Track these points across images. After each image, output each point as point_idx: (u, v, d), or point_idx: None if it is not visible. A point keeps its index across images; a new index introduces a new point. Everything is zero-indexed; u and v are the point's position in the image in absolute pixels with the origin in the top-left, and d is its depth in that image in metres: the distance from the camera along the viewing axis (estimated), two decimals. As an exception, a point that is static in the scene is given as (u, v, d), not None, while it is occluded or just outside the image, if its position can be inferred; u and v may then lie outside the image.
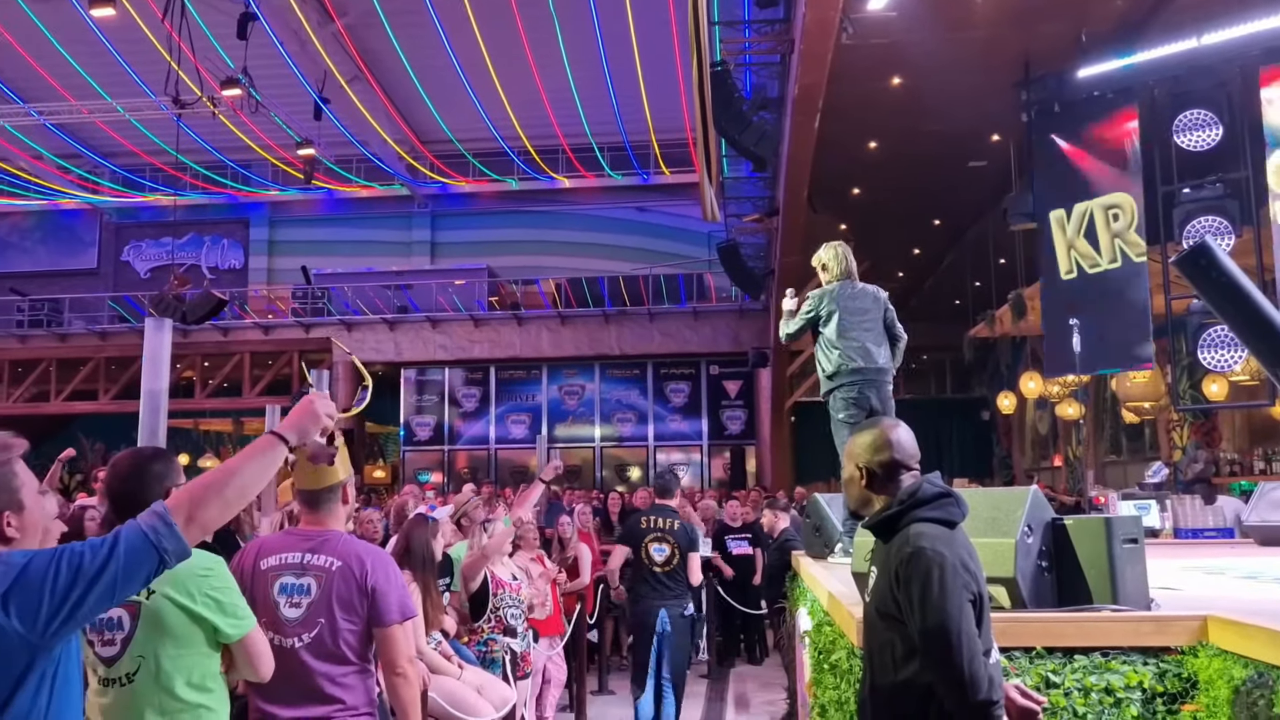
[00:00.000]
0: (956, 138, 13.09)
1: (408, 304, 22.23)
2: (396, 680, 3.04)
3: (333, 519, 3.11)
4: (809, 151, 11.44)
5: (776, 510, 8.08)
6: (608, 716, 7.68)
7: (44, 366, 22.93)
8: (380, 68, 20.71)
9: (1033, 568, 2.98)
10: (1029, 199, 11.70)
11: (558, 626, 7.11)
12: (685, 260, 23.48)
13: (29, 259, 26.71)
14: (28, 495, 1.87)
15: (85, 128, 22.64)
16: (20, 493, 1.86)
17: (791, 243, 14.92)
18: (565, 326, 21.39)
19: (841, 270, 5.58)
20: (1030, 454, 21.02)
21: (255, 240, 26.54)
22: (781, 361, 19.65)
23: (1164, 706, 2.66)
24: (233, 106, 17.10)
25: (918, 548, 2.19)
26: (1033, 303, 13.11)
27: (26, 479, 1.89)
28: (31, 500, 1.88)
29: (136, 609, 2.50)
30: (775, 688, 8.31)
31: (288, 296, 23.65)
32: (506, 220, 25.39)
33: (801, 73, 9.66)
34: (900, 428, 2.47)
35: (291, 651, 2.96)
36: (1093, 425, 16.71)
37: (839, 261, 5.59)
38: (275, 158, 23.42)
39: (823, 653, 3.59)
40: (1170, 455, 13.58)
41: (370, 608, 3.00)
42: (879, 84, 11.62)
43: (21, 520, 1.85)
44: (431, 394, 22.39)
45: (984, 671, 2.10)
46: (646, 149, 23.65)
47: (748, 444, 21.31)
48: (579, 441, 22.01)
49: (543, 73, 19.98)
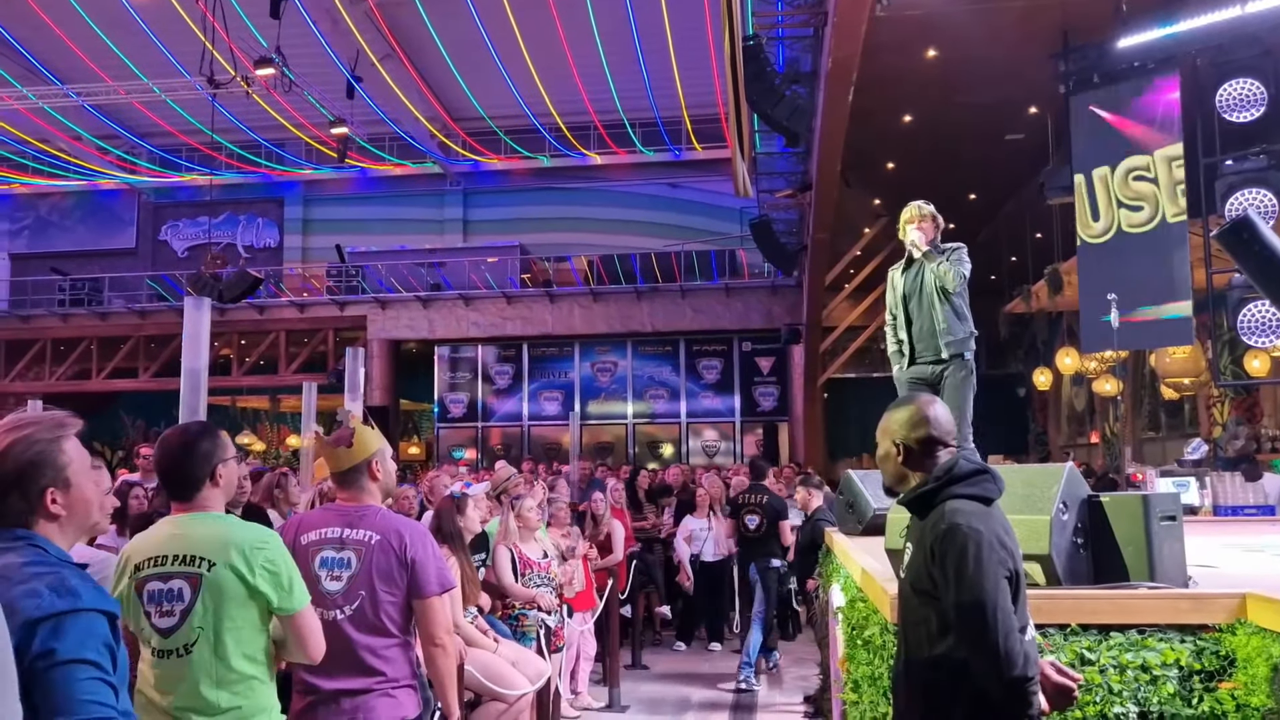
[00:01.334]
0: (993, 110, 12.91)
1: (441, 282, 22.35)
2: (435, 651, 3.10)
3: (366, 495, 3.17)
4: (842, 126, 11.34)
5: (810, 487, 8.06)
6: (641, 690, 7.75)
7: (85, 345, 23.31)
8: (412, 45, 20.73)
9: (1068, 544, 2.96)
10: (1067, 172, 11.51)
11: (590, 601, 7.18)
12: (717, 236, 23.40)
13: (69, 239, 27.11)
14: (75, 473, 1.91)
15: (122, 108, 22.88)
16: (67, 470, 1.90)
17: (824, 218, 14.82)
18: (597, 303, 21.42)
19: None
20: (1066, 430, 20.83)
21: (290, 219, 26.75)
22: (814, 337, 19.58)
23: (1201, 684, 2.64)
24: (266, 86, 17.20)
25: (953, 524, 2.19)
26: (1069, 278, 12.94)
27: (76, 456, 1.92)
28: (79, 478, 1.92)
29: (198, 580, 2.55)
30: (808, 663, 8.34)
31: (322, 275, 23.86)
32: (538, 197, 25.41)
33: (835, 46, 9.57)
34: (937, 404, 2.46)
35: (334, 624, 3.02)
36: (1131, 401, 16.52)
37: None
38: (309, 136, 23.55)
39: (856, 628, 3.60)
40: (1210, 432, 13.40)
41: (409, 580, 3.06)
42: (914, 56, 11.47)
43: (68, 497, 1.89)
44: (465, 371, 22.53)
45: (1019, 648, 2.10)
46: (678, 125, 23.54)
47: (780, 420, 21.28)
48: (611, 418, 22.08)
49: (574, 49, 19.91)
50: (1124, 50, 10.44)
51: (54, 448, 1.89)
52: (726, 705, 7.32)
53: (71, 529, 1.94)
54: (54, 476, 1.88)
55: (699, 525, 9.67)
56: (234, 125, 22.60)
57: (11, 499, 1.85)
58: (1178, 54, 10.26)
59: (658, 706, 7.28)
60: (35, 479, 1.86)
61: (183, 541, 2.59)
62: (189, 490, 2.65)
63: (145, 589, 2.58)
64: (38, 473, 1.86)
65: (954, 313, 4.73)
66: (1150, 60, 10.40)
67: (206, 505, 2.66)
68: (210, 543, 2.59)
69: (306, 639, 2.65)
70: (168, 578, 2.57)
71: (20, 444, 1.86)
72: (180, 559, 2.58)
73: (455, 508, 4.98)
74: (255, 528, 2.71)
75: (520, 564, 5.76)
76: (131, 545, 2.71)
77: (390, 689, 3.02)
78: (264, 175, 25.82)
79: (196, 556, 2.57)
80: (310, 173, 25.67)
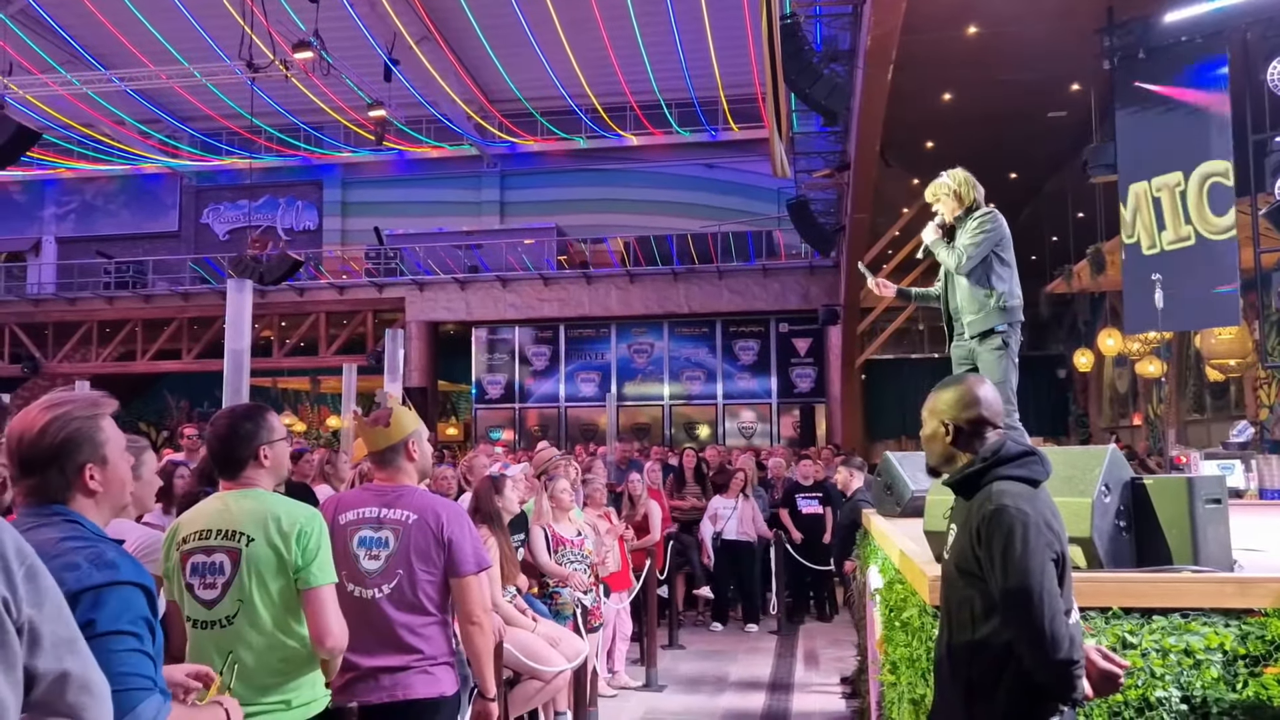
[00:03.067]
0: (1034, 88, 12.70)
1: (478, 263, 22.45)
2: (472, 630, 3.13)
3: (403, 474, 3.21)
4: (881, 104, 11.22)
5: (851, 469, 8.03)
6: (678, 669, 7.78)
7: (130, 327, 23.70)
8: (448, 28, 20.77)
9: (1110, 527, 2.93)
10: (1110, 150, 11.31)
11: (626, 582, 7.21)
12: (754, 217, 23.29)
13: (114, 222, 27.54)
14: (112, 451, 1.95)
15: (164, 93, 23.16)
16: (105, 448, 1.93)
17: (863, 198, 14.70)
18: (634, 285, 21.41)
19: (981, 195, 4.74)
20: (1108, 412, 20.56)
21: (329, 202, 26.98)
22: (851, 318, 19.45)
23: (1245, 669, 2.60)
24: (305, 69, 17.31)
25: (1000, 505, 2.17)
26: (1112, 257, 12.74)
27: (112, 435, 1.96)
28: (116, 456, 1.95)
29: (238, 554, 2.62)
30: (845, 644, 8.33)
31: (361, 257, 24.05)
32: (575, 179, 25.41)
33: (874, 23, 9.46)
34: (986, 384, 2.44)
35: (372, 603, 3.06)
36: (1175, 383, 16.26)
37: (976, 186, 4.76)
38: (347, 120, 23.71)
39: (894, 610, 3.58)
40: (1256, 414, 13.16)
41: (446, 559, 3.09)
42: (954, 33, 11.31)
43: (105, 475, 1.93)
44: (502, 353, 22.65)
45: (1065, 630, 2.08)
46: (715, 105, 23.41)
47: (817, 402, 21.19)
48: (648, 400, 22.10)
49: (610, 29, 19.85)
50: (1171, 25, 10.22)
51: (92, 425, 1.92)
52: (764, 685, 7.33)
53: (107, 506, 1.97)
54: (92, 453, 1.91)
55: (725, 505, 9.69)
56: (273, 109, 22.81)
57: (50, 474, 1.88)
58: (1226, 28, 10.03)
59: (695, 686, 7.31)
60: (74, 455, 1.89)
61: (226, 516, 2.66)
62: (234, 469, 2.74)
63: (189, 562, 2.67)
64: (76, 450, 1.89)
65: (977, 288, 4.53)
66: (1198, 35, 10.17)
67: (252, 483, 2.73)
68: (251, 518, 2.66)
69: (317, 616, 2.64)
70: (210, 551, 2.65)
71: (58, 421, 1.89)
72: (222, 533, 2.65)
73: (493, 488, 5.02)
74: (296, 504, 2.77)
75: (553, 541, 5.81)
76: (180, 519, 2.79)
77: (428, 666, 3.06)
78: (303, 158, 26.05)
79: (237, 531, 2.64)
80: (348, 155, 25.86)
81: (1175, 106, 10.36)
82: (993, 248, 4.54)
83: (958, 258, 4.53)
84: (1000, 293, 4.50)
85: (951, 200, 4.66)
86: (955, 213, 4.66)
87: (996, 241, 4.55)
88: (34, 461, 1.88)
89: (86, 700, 1.45)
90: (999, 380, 4.39)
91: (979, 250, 4.51)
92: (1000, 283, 4.53)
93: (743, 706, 6.73)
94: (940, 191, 4.70)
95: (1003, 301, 4.50)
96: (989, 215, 4.60)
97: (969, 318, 4.56)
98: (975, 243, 4.52)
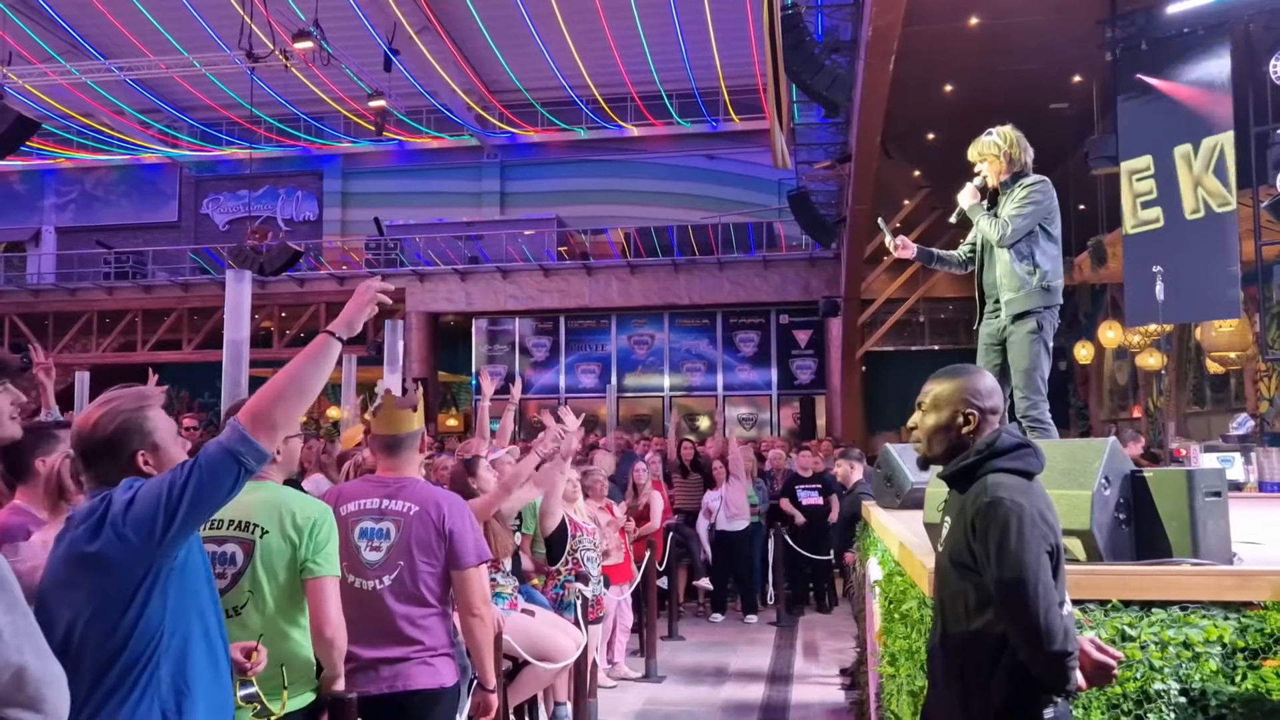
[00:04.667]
0: (1036, 79, 12.66)
1: (478, 254, 22.43)
2: (472, 621, 3.13)
3: (409, 466, 3.21)
4: (883, 95, 11.18)
5: (851, 461, 8.03)
6: (677, 661, 7.80)
7: (130, 317, 23.70)
8: (449, 18, 20.71)
9: (1109, 520, 2.93)
10: (1112, 141, 11.29)
11: (627, 574, 7.22)
12: (755, 208, 23.25)
13: (113, 212, 27.50)
14: (162, 438, 2.14)
15: (163, 83, 23.10)
16: (154, 435, 2.13)
17: (864, 189, 14.67)
18: (634, 276, 21.39)
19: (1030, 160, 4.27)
20: (1108, 405, 20.55)
21: (329, 192, 26.94)
22: (852, 310, 19.43)
23: (1244, 661, 2.61)
24: (304, 59, 17.28)
25: (995, 498, 2.17)
26: (1113, 249, 12.72)
27: (161, 423, 2.16)
28: (166, 442, 2.15)
29: (251, 545, 2.68)
30: (844, 636, 8.34)
31: (361, 248, 24.02)
32: (575, 170, 25.37)
33: (875, 13, 9.42)
34: (986, 376, 2.44)
35: (373, 594, 3.06)
36: (1175, 376, 16.25)
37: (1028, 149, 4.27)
38: (347, 110, 23.66)
39: (893, 602, 3.59)
40: (1256, 407, 13.16)
41: (447, 551, 3.10)
42: (956, 24, 11.27)
43: (157, 458, 2.12)
44: (502, 344, 22.65)
45: (1059, 623, 2.09)
46: (716, 96, 23.35)
47: (818, 394, 21.18)
48: (648, 391, 22.11)
49: (611, 20, 19.79)
50: (1174, 16, 10.19)
51: (140, 415, 2.13)
52: (763, 676, 7.35)
53: None
54: (142, 441, 2.11)
55: (713, 497, 9.71)
56: (273, 99, 22.75)
57: (104, 464, 2.08)
58: (1229, 19, 9.99)
59: (694, 677, 7.33)
60: (125, 445, 2.09)
61: (238, 508, 2.67)
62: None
63: None
64: (127, 439, 2.10)
65: (1019, 264, 4.10)
66: (1201, 26, 10.14)
67: (263, 476, 2.76)
68: (265, 510, 2.70)
69: (319, 606, 2.70)
70: (222, 541, 2.68)
71: (107, 415, 2.10)
72: (235, 524, 2.69)
73: (466, 470, 5.00)
74: (308, 498, 2.82)
75: (571, 527, 5.83)
76: None
77: (428, 657, 3.07)
78: (303, 149, 25.99)
79: (251, 523, 2.68)
80: (348, 146, 25.81)
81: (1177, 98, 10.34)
82: (1040, 220, 4.12)
83: (1001, 228, 4.09)
84: (1044, 271, 4.10)
85: (1000, 162, 4.20)
86: (1002, 176, 4.21)
87: (1046, 214, 4.14)
88: (92, 453, 2.09)
89: (46, 692, 1.51)
90: (1029, 366, 4.12)
91: (1026, 222, 4.07)
92: (1045, 260, 4.12)
93: (742, 697, 6.75)
94: (988, 151, 4.23)
95: (1046, 281, 4.10)
96: (1039, 184, 4.15)
97: (1007, 295, 4.16)
98: (1023, 213, 4.07)
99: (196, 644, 2.04)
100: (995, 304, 4.28)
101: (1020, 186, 4.16)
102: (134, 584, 1.96)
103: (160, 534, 1.93)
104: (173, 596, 2.00)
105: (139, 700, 1.95)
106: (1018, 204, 4.11)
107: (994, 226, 4.14)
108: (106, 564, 1.95)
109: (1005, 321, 4.21)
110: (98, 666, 1.94)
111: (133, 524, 1.94)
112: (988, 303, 4.35)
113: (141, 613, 1.96)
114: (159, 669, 1.97)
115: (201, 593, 2.09)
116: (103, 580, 1.95)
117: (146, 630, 1.97)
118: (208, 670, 2.06)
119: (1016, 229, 4.08)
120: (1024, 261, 4.12)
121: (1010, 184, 4.20)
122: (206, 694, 2.04)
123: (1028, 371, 4.16)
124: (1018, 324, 4.16)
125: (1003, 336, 4.24)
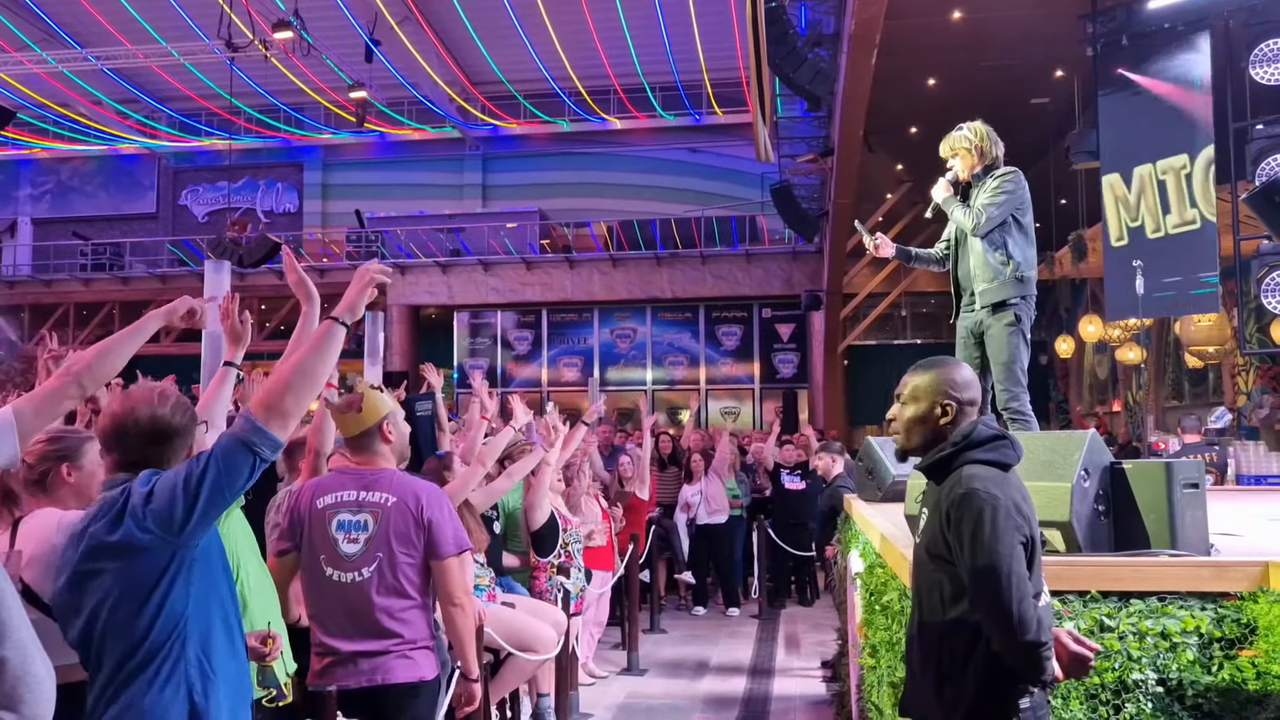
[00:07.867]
0: (1018, 73, 12.72)
1: (460, 247, 22.34)
2: (453, 611, 3.12)
3: (380, 458, 3.19)
4: (865, 89, 11.21)
5: (832, 454, 8.03)
6: (659, 654, 7.80)
7: (108, 309, 23.49)
8: (430, 8, 20.58)
9: (1089, 512, 2.94)
10: (1093, 137, 11.35)
11: (609, 561, 7.21)
12: (738, 202, 23.26)
13: (91, 203, 27.22)
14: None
15: (142, 72, 22.87)
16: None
17: (847, 183, 14.70)
18: (617, 269, 21.37)
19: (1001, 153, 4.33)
20: (1088, 398, 20.69)
21: (309, 184, 26.76)
22: (835, 304, 19.47)
23: (1221, 651, 2.62)
24: (284, 49, 17.13)
25: (970, 489, 2.17)
26: (1094, 244, 12.79)
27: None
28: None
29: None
30: (825, 629, 8.37)
31: (342, 240, 23.89)
32: (557, 162, 25.30)
33: (858, 7, 9.43)
34: (963, 368, 2.43)
35: (353, 586, 3.04)
36: (1154, 370, 16.37)
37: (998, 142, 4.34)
38: (328, 101, 23.49)
39: (874, 594, 3.59)
40: (1234, 400, 13.27)
41: (426, 541, 3.08)
42: (938, 18, 11.30)
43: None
44: (484, 337, 22.58)
45: (1033, 613, 2.09)
46: (699, 89, 23.32)
47: (800, 388, 21.22)
48: (630, 384, 22.09)
49: (594, 10, 19.72)
50: (1154, 11, 10.25)
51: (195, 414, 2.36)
52: (744, 669, 7.36)
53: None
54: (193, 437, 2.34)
55: (692, 491, 9.69)
56: (253, 89, 22.56)
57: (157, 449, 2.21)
58: (1209, 15, 10.06)
59: (676, 670, 7.34)
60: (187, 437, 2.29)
61: None
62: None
63: None
64: (188, 434, 2.29)
65: (992, 254, 4.14)
66: (1181, 22, 10.20)
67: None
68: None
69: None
70: None
71: (179, 406, 2.26)
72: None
73: (441, 465, 4.99)
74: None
75: (561, 520, 5.86)
76: None
77: (408, 650, 3.05)
78: (283, 140, 25.81)
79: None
80: (329, 137, 25.64)
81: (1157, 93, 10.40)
82: (1013, 210, 4.18)
83: (974, 218, 4.16)
84: (1017, 261, 4.16)
85: (972, 156, 4.28)
86: (974, 169, 4.29)
87: (1018, 204, 4.20)
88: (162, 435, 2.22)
89: (24, 692, 1.47)
90: (1009, 359, 4.14)
91: (999, 211, 4.14)
92: (1018, 250, 4.18)
93: (723, 690, 6.75)
94: (959, 145, 4.32)
95: (1019, 271, 4.16)
96: (1011, 175, 4.22)
97: (981, 286, 4.21)
98: (995, 203, 4.14)
99: (217, 630, 2.13)
100: (970, 297, 4.32)
101: (992, 177, 4.23)
102: (157, 572, 2.05)
103: (180, 524, 2.02)
104: (195, 584, 2.09)
105: (166, 681, 2.04)
106: (990, 194, 4.18)
107: (968, 216, 4.21)
108: (128, 553, 2.04)
109: (982, 315, 4.24)
110: (122, 651, 2.03)
111: (153, 515, 2.02)
112: (963, 296, 4.38)
113: (165, 599, 2.05)
114: (186, 651, 2.07)
115: (220, 581, 2.18)
116: (125, 568, 2.04)
117: (171, 615, 2.06)
118: (228, 656, 2.15)
119: (990, 218, 4.14)
120: (997, 252, 4.17)
121: (982, 176, 4.27)
122: (228, 678, 2.13)
123: (1007, 364, 4.17)
124: (995, 317, 4.18)
125: (980, 330, 4.26)
